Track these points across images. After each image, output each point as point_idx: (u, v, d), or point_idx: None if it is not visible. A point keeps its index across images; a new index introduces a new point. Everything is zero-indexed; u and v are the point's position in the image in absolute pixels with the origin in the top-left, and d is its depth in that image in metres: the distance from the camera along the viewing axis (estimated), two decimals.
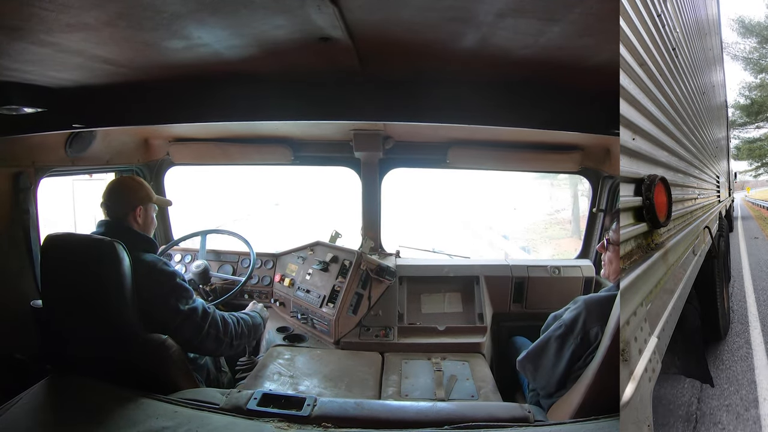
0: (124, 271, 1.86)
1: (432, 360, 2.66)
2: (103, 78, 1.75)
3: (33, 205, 2.36)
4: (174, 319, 2.00)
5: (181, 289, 2.05)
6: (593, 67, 1.57)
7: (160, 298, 1.98)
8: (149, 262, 2.01)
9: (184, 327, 2.02)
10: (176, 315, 2.00)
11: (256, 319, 2.42)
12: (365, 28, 1.33)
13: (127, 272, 1.87)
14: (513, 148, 3.20)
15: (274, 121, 2.76)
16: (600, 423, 1.52)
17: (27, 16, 1.15)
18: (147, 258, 2.02)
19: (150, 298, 1.95)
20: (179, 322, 2.00)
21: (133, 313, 1.90)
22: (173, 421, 1.54)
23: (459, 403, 2.09)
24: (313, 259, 3.20)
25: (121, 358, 1.87)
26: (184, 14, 1.20)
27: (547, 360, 1.97)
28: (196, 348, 2.12)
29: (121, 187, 2.19)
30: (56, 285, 1.94)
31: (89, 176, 4.21)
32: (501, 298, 3.22)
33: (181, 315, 2.01)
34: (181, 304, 2.02)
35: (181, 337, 1.99)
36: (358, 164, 3.33)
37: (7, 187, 2.26)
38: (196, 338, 2.06)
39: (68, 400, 1.69)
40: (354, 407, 1.66)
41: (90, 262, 1.84)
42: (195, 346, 2.10)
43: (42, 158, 2.39)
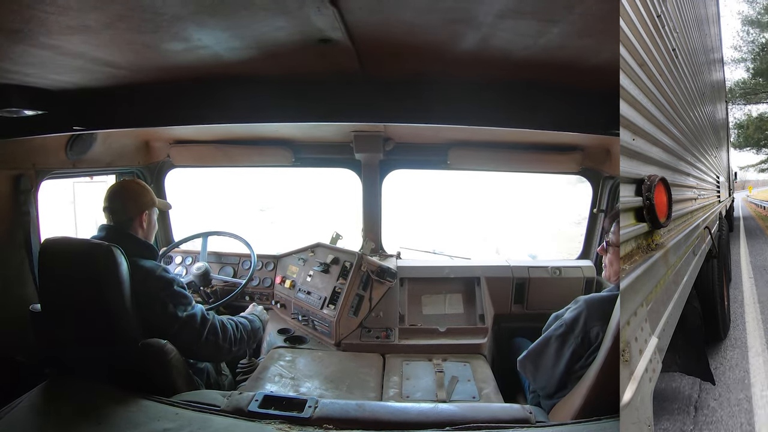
0: (122, 276, 1.86)
1: (433, 361, 2.66)
2: (103, 80, 1.75)
3: (33, 208, 2.36)
4: (172, 325, 1.99)
5: (179, 296, 2.04)
6: (593, 67, 1.57)
7: (158, 304, 1.98)
8: (148, 268, 2.00)
9: (183, 333, 2.01)
10: (174, 321, 2.00)
11: (255, 323, 2.41)
12: (365, 29, 1.33)
13: (125, 277, 1.87)
14: (513, 149, 3.20)
15: (274, 123, 2.76)
16: (601, 424, 1.51)
17: (27, 19, 1.16)
18: (146, 264, 2.01)
19: (148, 304, 1.95)
20: (177, 328, 2.00)
21: (131, 318, 1.90)
22: (174, 423, 1.54)
23: (460, 405, 2.08)
24: (314, 260, 3.20)
25: (120, 362, 1.86)
26: (184, 16, 1.20)
27: (547, 359, 1.97)
28: (195, 354, 2.12)
29: (125, 191, 2.18)
30: (53, 290, 1.94)
31: (90, 178, 4.21)
32: (502, 299, 3.21)
33: (179, 321, 2.00)
34: (179, 310, 2.02)
35: (179, 343, 1.99)
36: (359, 166, 3.33)
37: (8, 189, 2.25)
38: (195, 344, 2.06)
39: (68, 403, 1.69)
40: (355, 409, 1.66)
41: (87, 267, 1.84)
42: (194, 352, 2.10)
43: (42, 161, 2.40)
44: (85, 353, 1.91)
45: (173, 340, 1.97)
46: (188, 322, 2.03)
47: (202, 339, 2.06)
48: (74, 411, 1.63)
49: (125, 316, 1.88)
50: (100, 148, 2.77)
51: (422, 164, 3.44)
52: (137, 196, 2.17)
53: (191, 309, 2.07)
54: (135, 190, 2.19)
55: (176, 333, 1.99)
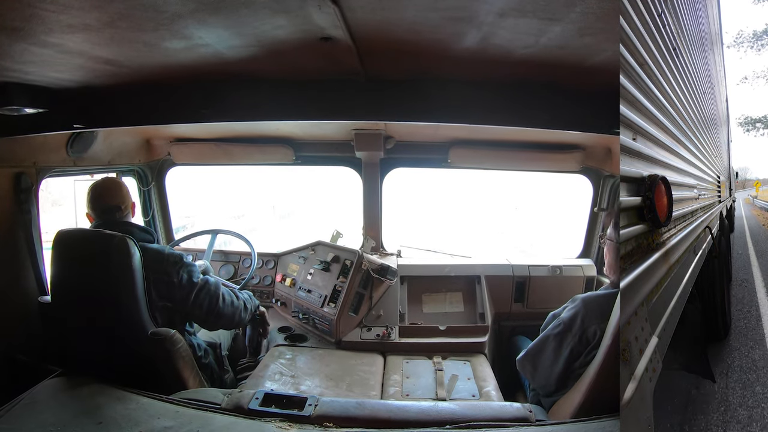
0: (135, 265, 1.92)
1: (433, 360, 2.66)
2: (104, 78, 1.76)
3: (34, 206, 2.36)
4: (191, 291, 2.12)
5: (191, 265, 2.17)
6: (594, 66, 1.56)
7: (175, 276, 2.08)
8: (157, 249, 2.10)
9: (202, 297, 2.14)
10: (192, 287, 2.12)
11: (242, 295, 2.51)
12: (366, 27, 1.33)
13: (138, 267, 1.93)
14: (514, 148, 3.20)
15: (275, 121, 2.76)
16: (602, 422, 1.52)
17: (28, 17, 1.16)
18: (154, 246, 2.10)
19: (165, 280, 2.05)
20: (196, 293, 2.13)
21: (142, 307, 1.95)
22: (175, 421, 1.55)
23: (460, 403, 2.09)
24: (315, 258, 3.20)
25: (130, 351, 1.91)
26: (185, 14, 1.20)
27: (545, 359, 1.97)
28: (219, 315, 2.23)
29: (111, 187, 2.21)
30: (66, 279, 1.98)
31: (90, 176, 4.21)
32: (502, 297, 3.22)
33: (196, 286, 2.14)
34: (194, 277, 2.15)
35: (200, 311, 2.13)
36: (360, 164, 3.33)
37: (9, 187, 2.26)
38: (216, 306, 2.19)
39: (70, 400, 1.69)
40: (356, 407, 1.66)
41: (102, 257, 1.90)
42: (218, 314, 2.21)
43: (43, 159, 2.40)
44: (94, 342, 1.94)
45: (195, 309, 2.11)
46: (204, 286, 2.16)
47: (221, 299, 2.21)
48: (75, 409, 1.64)
49: (137, 305, 1.93)
50: (101, 146, 2.78)
51: (423, 162, 3.45)
52: (122, 188, 2.22)
53: (203, 276, 2.21)
54: (119, 184, 2.24)
55: (196, 299, 2.12)
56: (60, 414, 1.61)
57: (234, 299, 2.32)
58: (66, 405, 1.67)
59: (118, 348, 1.92)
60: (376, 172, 3.33)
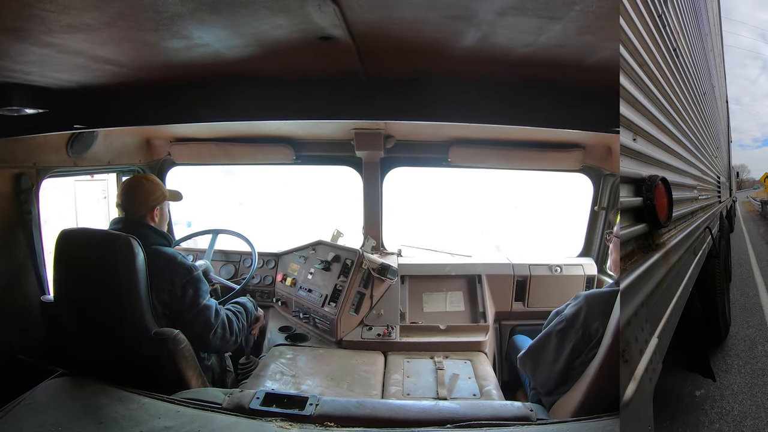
0: (139, 265, 1.91)
1: (434, 359, 2.66)
2: (103, 78, 1.75)
3: (35, 206, 2.36)
4: (190, 310, 2.09)
5: (198, 281, 2.15)
6: (594, 64, 1.56)
7: (179, 289, 2.07)
8: (169, 254, 2.09)
9: (197, 320, 2.11)
10: (192, 307, 2.10)
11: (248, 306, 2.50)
12: (366, 27, 1.33)
13: (141, 267, 1.92)
14: (514, 147, 3.20)
15: (275, 121, 2.76)
16: (602, 422, 1.52)
17: (27, 17, 1.15)
18: (167, 251, 2.10)
19: (168, 288, 2.04)
20: (194, 314, 2.10)
21: (146, 307, 1.95)
22: (176, 420, 1.55)
23: (461, 402, 2.09)
24: (315, 258, 3.20)
25: (132, 351, 1.91)
26: (185, 14, 1.20)
27: (547, 355, 1.97)
28: (205, 343, 2.19)
29: (138, 188, 2.23)
30: (70, 278, 1.99)
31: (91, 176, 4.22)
32: (503, 296, 3.22)
33: (196, 308, 2.10)
34: (200, 297, 2.12)
35: (192, 331, 2.06)
36: (360, 163, 3.33)
37: (9, 187, 2.26)
38: (207, 334, 2.14)
39: (71, 400, 1.69)
40: (356, 406, 1.66)
41: (105, 257, 1.90)
42: (204, 342, 2.17)
43: (43, 159, 2.40)
44: (97, 341, 1.95)
45: (186, 326, 2.04)
46: (204, 311, 2.13)
47: (213, 330, 2.16)
48: (76, 409, 1.64)
49: (140, 305, 1.93)
50: (101, 147, 2.77)
51: (423, 162, 3.45)
52: (149, 192, 2.23)
53: (209, 300, 2.17)
54: (147, 188, 2.25)
55: (192, 319, 2.09)
56: (61, 414, 1.61)
57: (227, 333, 2.24)
58: (67, 405, 1.67)
59: (120, 348, 1.92)
60: (377, 172, 3.33)
